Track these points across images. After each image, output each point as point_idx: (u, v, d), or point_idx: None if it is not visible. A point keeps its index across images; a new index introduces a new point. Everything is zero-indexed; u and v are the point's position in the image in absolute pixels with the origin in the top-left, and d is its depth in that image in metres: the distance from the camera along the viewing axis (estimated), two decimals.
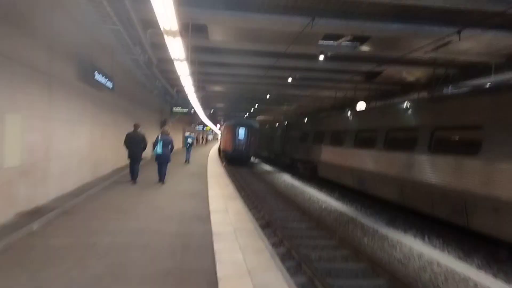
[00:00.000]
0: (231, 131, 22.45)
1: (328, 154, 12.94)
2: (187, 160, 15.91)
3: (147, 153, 10.63)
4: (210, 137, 59.22)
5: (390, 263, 5.97)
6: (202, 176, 10.97)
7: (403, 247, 6.75)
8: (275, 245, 6.50)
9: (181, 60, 11.01)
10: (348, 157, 11.16)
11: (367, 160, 9.93)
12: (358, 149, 10.57)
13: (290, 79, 15.80)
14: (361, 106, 18.07)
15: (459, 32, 8.62)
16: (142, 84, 14.64)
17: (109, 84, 8.85)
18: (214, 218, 5.36)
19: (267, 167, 21.99)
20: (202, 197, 7.28)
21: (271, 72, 15.35)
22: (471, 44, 10.76)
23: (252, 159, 29.17)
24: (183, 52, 9.54)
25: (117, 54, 10.19)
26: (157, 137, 8.95)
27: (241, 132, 22.29)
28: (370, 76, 15.32)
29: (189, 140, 16.47)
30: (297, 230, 7.75)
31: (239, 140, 22.39)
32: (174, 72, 15.44)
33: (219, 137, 62.42)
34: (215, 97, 25.66)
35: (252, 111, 31.96)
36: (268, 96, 21.58)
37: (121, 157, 11.77)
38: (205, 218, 5.38)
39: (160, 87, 16.01)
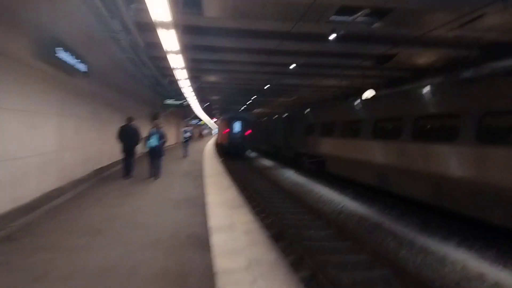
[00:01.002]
0: (227, 125, 22.64)
1: (339, 147, 11.41)
2: (185, 155, 15.60)
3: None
4: (205, 131, 57.36)
5: None
6: (199, 175, 9.38)
7: (455, 263, 5.29)
8: (294, 264, 5.00)
9: (176, 53, 9.41)
10: (365, 150, 9.64)
11: (392, 154, 8.43)
12: (379, 141, 9.05)
13: (293, 66, 14.17)
14: (369, 95, 16.58)
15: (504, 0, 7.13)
16: (130, 73, 12.90)
17: (81, 67, 7.15)
18: (218, 241, 3.79)
19: (267, 162, 20.46)
20: (199, 204, 5.71)
21: (272, 58, 13.73)
22: (501, 19, 9.29)
23: (251, 153, 27.73)
24: (175, 40, 7.92)
25: (92, 31, 8.44)
26: (150, 130, 8.40)
27: (237, 125, 22.50)
28: (381, 61, 13.76)
29: (187, 135, 16.24)
30: (317, 241, 6.25)
31: (235, 133, 22.59)
32: (165, 59, 13.75)
33: (213, 131, 60.81)
34: (210, 89, 23.93)
35: (249, 103, 30.26)
36: (267, 86, 19.92)
37: (105, 155, 10.10)
38: (205, 242, 3.81)
39: (150, 76, 14.27)
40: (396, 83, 16.79)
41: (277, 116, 22.36)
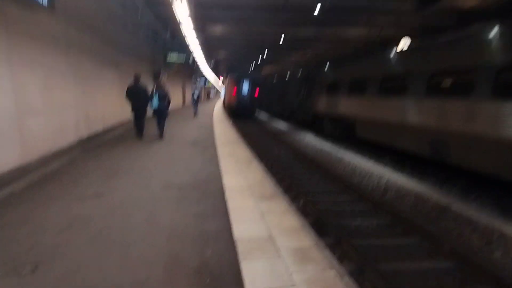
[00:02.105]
0: (235, 85, 21.58)
1: (376, 108, 9.30)
2: (195, 114, 16.12)
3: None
4: (212, 92, 54.75)
5: None
6: (210, 143, 7.54)
7: None
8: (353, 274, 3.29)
9: None
10: (414, 112, 7.57)
11: (455, 115, 6.37)
12: (437, 99, 6.94)
13: (318, 7, 11.53)
14: (405, 45, 13.97)
15: None
16: (122, 21, 10.54)
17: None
18: (254, 282, 2.01)
19: (281, 125, 18.45)
20: (212, 193, 3.90)
21: (292, 1, 11.14)
22: None
23: (260, 115, 25.72)
24: None
25: None
26: (152, 90, 7.95)
27: (245, 85, 21.43)
28: (426, 2, 11.03)
29: (196, 96, 16.60)
30: (372, 237, 4.52)
31: (244, 93, 21.66)
32: (166, 4, 11.27)
33: (221, 93, 57.85)
34: (217, 44, 21.17)
35: (259, 61, 27.46)
36: (282, 39, 17.22)
37: (96, 119, 8.23)
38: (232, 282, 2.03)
39: (147, 26, 11.87)
40: (435, 33, 14.03)
41: (291, 73, 19.91)
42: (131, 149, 6.67)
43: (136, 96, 7.80)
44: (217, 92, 61.46)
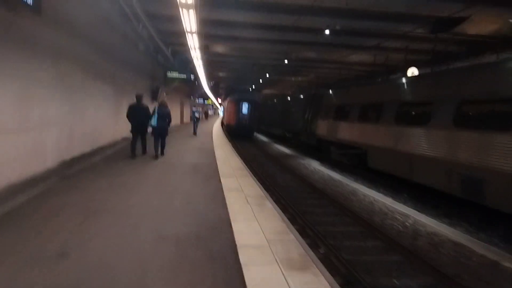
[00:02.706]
0: (235, 105, 22.17)
1: (394, 138, 8.45)
2: (195, 132, 15.86)
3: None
4: (210, 111, 54.11)
5: None
6: (212, 172, 6.54)
7: None
8: None
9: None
10: (443, 143, 6.72)
11: (498, 152, 5.51)
12: (470, 130, 6.10)
13: (327, 32, 10.93)
14: (412, 72, 13.41)
15: None
16: (121, 32, 9.76)
17: None
18: None
19: (283, 149, 17.51)
20: (224, 257, 2.83)
21: (300, 21, 10.54)
22: None
23: (263, 138, 24.97)
24: None
25: None
26: (154, 108, 7.83)
27: (245, 106, 22.01)
28: (442, 27, 10.48)
29: (196, 115, 16.56)
30: None
31: (243, 114, 22.14)
32: (170, 20, 10.60)
33: (220, 112, 57.36)
34: (217, 64, 20.54)
35: (260, 82, 26.95)
36: (286, 60, 16.64)
37: (84, 138, 7.19)
38: None
39: (147, 40, 11.11)
40: (444, 60, 13.56)
41: (295, 95, 19.29)
42: (121, 176, 5.62)
43: (137, 116, 7.64)
44: (215, 111, 60.93)
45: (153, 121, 7.60)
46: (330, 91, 13.79)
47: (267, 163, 12.46)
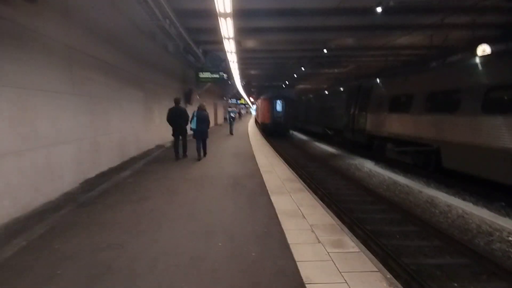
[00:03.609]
0: (269, 104, 21.71)
1: (485, 131, 6.52)
2: (232, 133, 15.95)
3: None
4: (243, 111, 53.34)
5: None
6: (257, 186, 5.23)
7: None
8: None
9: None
10: None
11: None
12: None
13: (379, 9, 9.11)
14: (483, 51, 11.06)
15: None
16: (147, 30, 8.83)
17: None
18: None
19: (325, 148, 15.80)
20: None
21: (346, 1, 8.87)
22: None
23: (301, 135, 23.41)
24: None
25: None
26: (193, 112, 7.94)
27: (279, 104, 21.54)
28: None
29: (232, 115, 16.53)
30: None
31: (277, 112, 21.65)
32: (198, 16, 9.58)
33: (252, 110, 56.45)
34: (249, 62, 19.25)
35: (295, 77, 25.25)
36: (325, 51, 14.86)
37: (103, 150, 6.21)
38: None
39: (176, 38, 10.11)
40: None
41: (335, 89, 17.44)
42: (149, 199, 4.51)
43: (177, 119, 7.75)
44: (247, 110, 60.09)
45: (193, 124, 7.78)
46: (381, 81, 11.87)
47: (311, 165, 10.93)
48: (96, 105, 5.69)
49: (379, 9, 9.08)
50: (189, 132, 8.18)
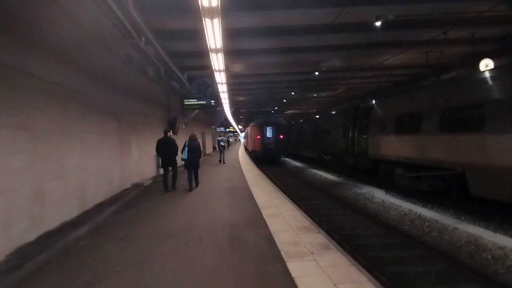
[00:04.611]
0: (259, 131, 20.99)
1: None
2: (223, 161, 15.37)
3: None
4: (231, 139, 52.10)
5: None
6: (263, 239, 3.75)
7: None
8: None
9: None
10: None
11: None
12: None
13: (378, 24, 8.28)
14: (486, 65, 10.36)
15: None
16: (122, 53, 7.59)
17: None
18: None
19: (324, 175, 14.47)
20: None
21: (345, 15, 8.02)
22: None
23: (294, 161, 22.15)
24: None
25: None
26: (185, 142, 7.72)
27: (269, 130, 20.87)
28: None
29: (222, 143, 16.08)
30: None
31: (268, 138, 20.93)
32: (182, 38, 8.58)
33: (241, 138, 55.16)
34: (238, 87, 18.32)
35: (284, 101, 24.43)
36: (316, 73, 14.02)
37: (50, 197, 4.58)
38: None
39: (157, 62, 8.91)
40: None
41: (329, 112, 16.50)
42: (103, 283, 2.97)
43: (166, 150, 7.57)
44: (236, 138, 58.91)
45: (184, 155, 7.53)
46: (383, 99, 10.92)
47: (315, 197, 9.51)
48: (42, 141, 4.21)
49: (378, 24, 8.25)
50: (181, 162, 7.89)
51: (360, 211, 7.57)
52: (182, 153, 7.62)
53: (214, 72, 9.66)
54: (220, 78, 10.56)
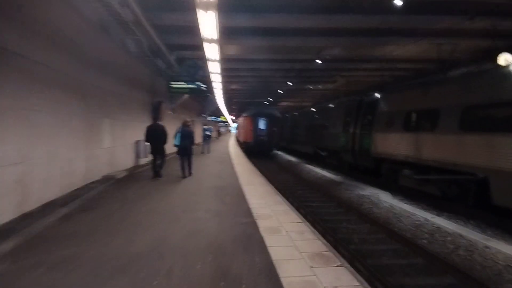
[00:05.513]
0: (252, 122, 20.02)
1: None
2: (203, 152, 14.41)
3: None
4: (222, 129, 50.49)
5: None
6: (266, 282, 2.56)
7: None
8: None
9: None
10: None
11: None
12: None
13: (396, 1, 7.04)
14: (505, 60, 9.34)
15: None
16: (98, 22, 6.13)
17: None
18: None
19: (321, 172, 13.36)
20: None
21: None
22: None
23: (287, 156, 21.02)
24: None
25: None
26: (177, 129, 7.53)
27: (263, 122, 19.89)
28: None
29: (207, 133, 15.17)
30: None
31: (261, 130, 19.93)
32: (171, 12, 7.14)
33: (232, 129, 53.37)
34: (230, 75, 16.83)
35: (280, 93, 23.10)
36: (319, 61, 12.73)
37: None
38: None
39: (137, 32, 7.46)
40: None
41: (329, 105, 15.37)
42: None
43: (154, 137, 7.38)
44: (228, 127, 57.35)
45: (176, 141, 7.34)
46: (391, 94, 9.83)
47: (312, 197, 8.39)
48: None
49: (399, 1, 7.00)
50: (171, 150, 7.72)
51: (365, 218, 6.49)
52: (174, 139, 7.35)
53: (206, 51, 8.29)
54: (213, 56, 9.19)
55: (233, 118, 40.38)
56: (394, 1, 7.04)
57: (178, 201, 5.26)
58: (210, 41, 7.30)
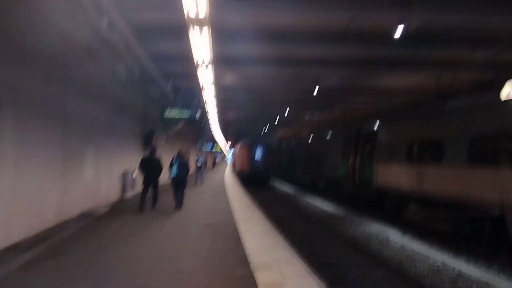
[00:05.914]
0: (248, 151, 19.86)
1: None
2: (199, 182, 13.49)
3: None
4: (217, 159, 49.71)
5: None
6: None
7: None
8: None
9: None
10: None
11: None
12: None
13: (400, 28, 6.85)
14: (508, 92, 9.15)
15: None
16: (85, 44, 5.78)
17: None
18: None
19: (322, 206, 12.59)
20: None
21: (359, 20, 6.65)
22: None
23: (283, 186, 20.27)
24: None
25: None
26: (173, 158, 7.32)
27: (259, 151, 19.74)
28: None
29: (198, 164, 14.29)
30: None
31: (257, 159, 19.66)
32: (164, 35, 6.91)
33: (228, 159, 52.35)
34: (226, 102, 16.56)
35: (276, 123, 22.90)
36: (316, 89, 12.50)
37: None
38: None
39: (132, 60, 7.12)
40: None
41: (328, 133, 15.04)
42: None
43: (150, 168, 7.09)
44: (224, 157, 56.59)
45: (173, 173, 7.10)
46: (392, 123, 9.50)
47: (315, 234, 7.62)
48: None
49: (400, 28, 6.81)
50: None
51: (375, 260, 5.73)
52: (169, 170, 7.12)
53: (198, 66, 7.85)
54: (208, 83, 8.85)
55: (230, 143, 39.72)
56: (396, 32, 6.87)
57: (162, 244, 4.51)
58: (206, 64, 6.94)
